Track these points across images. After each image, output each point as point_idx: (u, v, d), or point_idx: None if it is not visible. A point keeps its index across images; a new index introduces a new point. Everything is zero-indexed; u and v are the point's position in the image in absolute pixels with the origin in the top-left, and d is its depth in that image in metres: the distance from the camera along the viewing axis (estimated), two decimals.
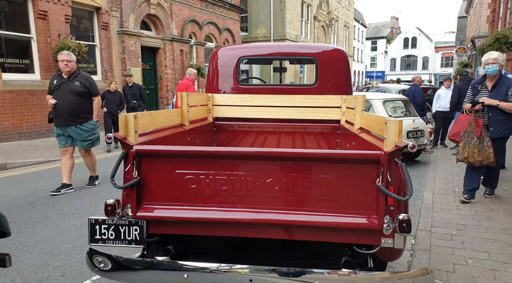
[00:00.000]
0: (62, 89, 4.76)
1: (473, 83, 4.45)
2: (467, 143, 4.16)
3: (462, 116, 4.37)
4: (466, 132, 4.20)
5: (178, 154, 2.03)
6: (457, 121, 4.46)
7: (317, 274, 1.86)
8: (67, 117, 4.79)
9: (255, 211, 1.96)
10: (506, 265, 2.82)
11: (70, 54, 4.83)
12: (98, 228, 2.03)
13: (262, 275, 1.89)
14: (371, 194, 1.86)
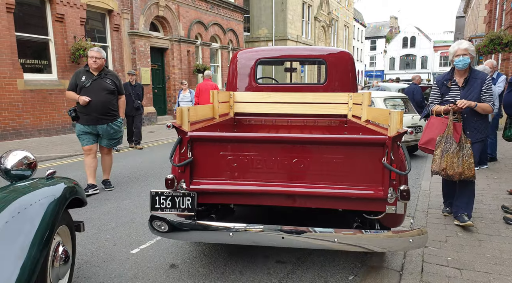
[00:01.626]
0: (95, 87, 4.65)
1: (439, 80, 3.69)
2: (445, 151, 3.35)
3: (434, 119, 3.54)
4: (443, 137, 3.39)
5: (223, 139, 2.53)
6: (428, 125, 3.58)
7: (326, 233, 2.37)
8: (100, 115, 4.70)
9: (284, 184, 2.46)
10: (491, 236, 3.33)
11: (100, 50, 4.73)
12: (158, 199, 2.52)
13: (291, 235, 2.39)
14: (378, 171, 2.37)
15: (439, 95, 3.66)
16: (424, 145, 3.61)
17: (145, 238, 3.46)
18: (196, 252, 3.17)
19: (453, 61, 3.50)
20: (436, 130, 3.46)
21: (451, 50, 3.56)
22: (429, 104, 3.73)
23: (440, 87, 3.65)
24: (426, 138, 3.56)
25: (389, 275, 2.80)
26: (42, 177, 2.36)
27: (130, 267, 2.90)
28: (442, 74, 3.81)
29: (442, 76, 3.74)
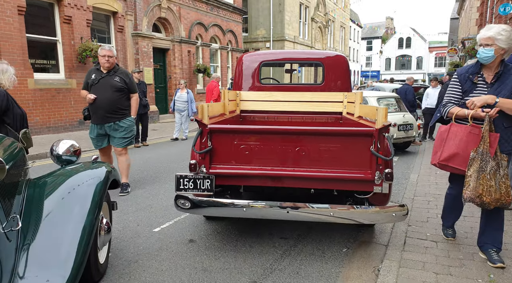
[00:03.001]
0: (102, 84, 4.62)
1: (462, 73, 2.88)
2: (481, 171, 2.61)
3: (457, 127, 2.75)
4: (477, 153, 2.62)
5: (238, 131, 3.01)
6: (450, 136, 2.77)
7: (322, 208, 2.85)
8: (106, 112, 4.64)
9: (288, 169, 2.94)
10: (465, 217, 3.82)
11: (111, 49, 4.72)
12: (182, 181, 2.99)
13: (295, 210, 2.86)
14: (366, 157, 2.84)
15: (459, 93, 2.85)
16: (444, 162, 2.76)
17: (164, 219, 3.93)
18: (210, 230, 3.65)
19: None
20: (462, 143, 2.68)
21: (477, 37, 2.79)
22: (445, 104, 2.89)
23: (463, 83, 2.83)
24: (448, 153, 2.73)
25: (376, 248, 3.29)
26: (88, 161, 2.81)
27: (155, 242, 3.37)
28: (466, 66, 2.93)
29: (466, 68, 2.90)
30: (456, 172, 2.82)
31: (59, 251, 2.12)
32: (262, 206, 2.89)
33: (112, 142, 4.85)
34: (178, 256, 3.11)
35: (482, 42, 2.70)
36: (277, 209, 2.87)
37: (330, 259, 3.08)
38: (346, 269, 2.93)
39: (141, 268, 2.89)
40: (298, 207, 2.86)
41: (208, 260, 3.04)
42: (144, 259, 3.04)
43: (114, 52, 4.74)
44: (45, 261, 2.04)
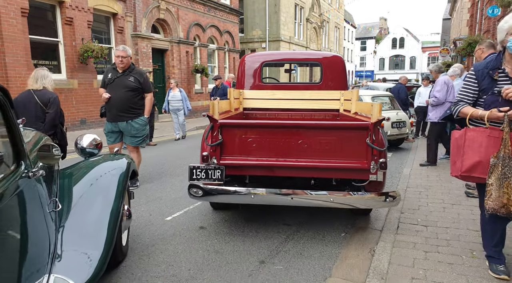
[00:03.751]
0: (116, 84, 4.79)
1: (480, 68, 2.55)
2: (504, 178, 2.34)
3: (474, 132, 2.46)
4: (498, 159, 2.35)
5: (246, 125, 3.31)
6: (467, 143, 2.47)
7: (322, 194, 3.14)
8: (119, 111, 4.82)
9: (293, 159, 3.22)
10: (454, 205, 4.14)
11: (126, 49, 4.84)
12: (195, 171, 3.27)
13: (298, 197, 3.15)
14: (363, 148, 3.14)
15: (475, 91, 2.54)
16: (467, 173, 2.46)
17: (174, 210, 4.20)
18: (218, 218, 3.93)
19: (506, 42, 2.38)
20: (483, 149, 2.38)
21: (504, 26, 2.39)
22: (456, 102, 2.61)
23: (480, 80, 2.51)
24: (470, 162, 2.42)
25: (372, 232, 3.60)
26: (110, 153, 3.09)
27: (168, 229, 3.65)
28: (484, 61, 2.61)
29: (484, 63, 2.57)
30: (483, 181, 2.45)
31: (93, 230, 2.39)
32: (264, 193, 3.18)
33: (125, 139, 5.01)
34: (191, 240, 3.39)
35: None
36: (282, 196, 3.16)
37: (330, 242, 3.37)
38: (344, 250, 3.23)
39: (158, 251, 3.16)
40: (297, 193, 3.15)
41: (218, 243, 3.32)
42: (160, 244, 3.31)
43: (129, 53, 4.88)
44: (81, 238, 2.32)
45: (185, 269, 2.86)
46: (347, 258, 3.08)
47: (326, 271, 2.85)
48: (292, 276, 2.77)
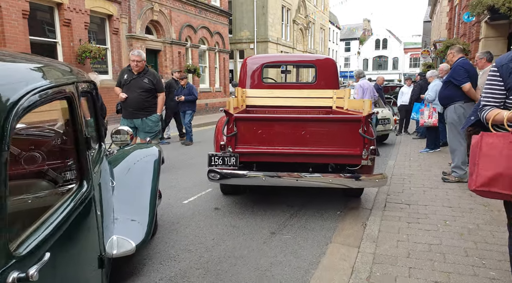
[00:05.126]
0: (133, 85, 5.28)
1: (504, 62, 2.08)
2: None
3: (495, 138, 1.94)
4: None
5: (256, 119, 3.85)
6: (483, 151, 1.96)
7: (315, 176, 3.71)
8: (135, 110, 5.30)
9: (296, 147, 3.78)
10: (432, 188, 4.79)
11: (140, 54, 5.25)
12: (213, 158, 3.80)
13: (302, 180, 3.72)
14: (356, 137, 3.72)
15: (501, 91, 2.08)
16: (484, 188, 1.95)
17: (188, 195, 4.72)
18: (229, 201, 4.47)
19: None
20: (503, 158, 1.90)
21: None
22: (482, 107, 2.15)
23: (506, 76, 2.05)
24: (488, 174, 1.93)
25: (363, 211, 4.20)
26: (143, 143, 3.59)
27: (187, 210, 4.17)
28: (508, 53, 2.13)
29: (507, 56, 2.10)
30: (507, 198, 1.99)
31: (139, 203, 2.91)
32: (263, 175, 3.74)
33: (139, 135, 5.44)
34: (209, 218, 3.93)
35: None
36: (290, 178, 3.73)
37: (328, 218, 3.96)
38: (341, 224, 3.82)
39: (183, 227, 3.69)
40: (300, 176, 3.73)
41: (233, 220, 3.87)
42: (183, 221, 3.84)
43: (143, 57, 5.36)
44: (131, 208, 2.83)
45: (209, 239, 3.39)
46: (344, 230, 3.66)
47: (327, 239, 3.43)
48: (300, 243, 3.34)
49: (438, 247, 3.04)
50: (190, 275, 2.76)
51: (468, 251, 2.95)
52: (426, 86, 8.37)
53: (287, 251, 3.17)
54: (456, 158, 5.05)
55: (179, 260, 2.99)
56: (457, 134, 4.99)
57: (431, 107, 7.42)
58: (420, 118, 7.89)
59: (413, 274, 2.62)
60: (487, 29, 9.23)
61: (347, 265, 2.90)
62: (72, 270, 1.38)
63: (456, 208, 3.98)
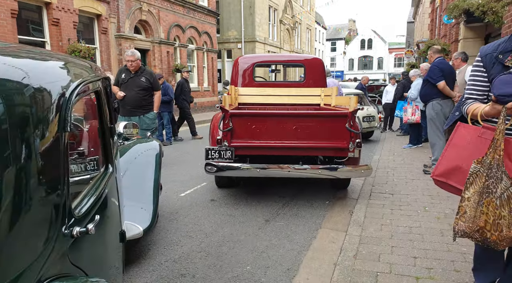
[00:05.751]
0: (130, 84, 5.42)
1: (487, 52, 1.89)
2: (486, 194, 1.69)
3: (466, 129, 1.87)
4: (484, 166, 1.70)
5: (250, 115, 4.10)
6: (453, 140, 1.90)
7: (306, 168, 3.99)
8: (132, 108, 5.46)
9: (287, 141, 4.05)
10: (413, 180, 5.12)
11: (134, 53, 5.43)
12: (209, 152, 4.04)
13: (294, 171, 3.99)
14: (343, 131, 4.00)
15: (484, 83, 1.92)
16: (440, 178, 1.90)
17: (185, 188, 4.94)
18: (224, 193, 4.72)
19: None
20: (466, 152, 1.81)
21: None
22: (464, 100, 2.00)
23: (489, 67, 1.88)
24: (447, 165, 1.88)
25: (350, 200, 4.49)
26: (144, 137, 3.80)
27: (185, 202, 4.40)
28: (493, 43, 1.96)
29: (493, 45, 1.93)
30: (458, 193, 1.82)
31: (144, 192, 3.13)
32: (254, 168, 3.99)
33: None
34: (206, 208, 4.16)
35: None
36: (282, 170, 3.99)
37: (317, 207, 4.24)
38: (329, 212, 4.10)
39: (182, 216, 3.92)
40: (283, 168, 4.00)
41: (229, 210, 4.12)
42: (181, 211, 4.07)
43: (137, 56, 5.55)
44: (137, 197, 3.05)
45: (208, 227, 3.63)
46: (332, 217, 3.95)
47: (317, 225, 3.71)
48: (292, 229, 3.60)
49: (418, 229, 3.35)
50: (193, 257, 3.00)
51: (443, 231, 3.27)
52: (409, 85, 8.76)
53: (281, 236, 3.43)
54: (436, 151, 5.40)
55: (182, 245, 3.22)
56: (435, 129, 5.34)
57: (414, 104, 7.79)
58: (403, 115, 8.27)
59: (395, 252, 2.91)
60: (465, 31, 9.68)
61: (336, 247, 3.18)
62: (108, 236, 1.61)
63: (435, 196, 4.31)
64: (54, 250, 1.05)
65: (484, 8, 5.96)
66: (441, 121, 5.28)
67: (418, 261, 2.76)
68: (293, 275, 2.73)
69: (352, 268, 2.67)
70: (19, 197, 0.93)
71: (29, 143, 0.98)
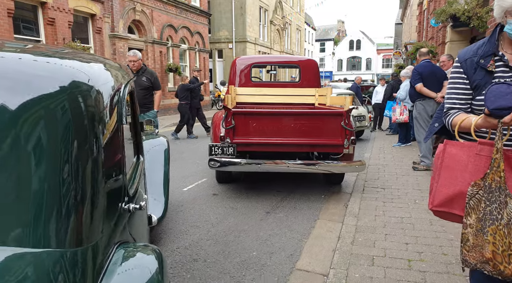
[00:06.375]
0: None
1: (467, 57, 1.70)
2: (490, 222, 1.44)
3: (457, 147, 1.60)
4: (484, 189, 1.47)
5: (252, 113, 4.34)
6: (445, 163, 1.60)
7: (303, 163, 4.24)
8: None
9: (286, 138, 4.29)
10: (403, 176, 5.42)
11: (135, 53, 5.46)
12: (213, 148, 4.26)
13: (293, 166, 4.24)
14: (339, 129, 4.27)
15: (467, 90, 1.71)
16: (440, 208, 1.59)
17: (187, 183, 5.16)
18: (225, 188, 4.94)
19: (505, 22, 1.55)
20: (467, 174, 1.54)
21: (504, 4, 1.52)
22: (446, 110, 1.77)
23: (470, 73, 1.68)
24: (447, 192, 1.57)
25: (344, 194, 4.76)
26: (152, 133, 4.01)
27: (188, 196, 4.61)
28: (471, 46, 1.74)
29: (472, 49, 1.71)
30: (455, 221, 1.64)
31: (156, 184, 3.34)
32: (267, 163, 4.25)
33: None
34: (209, 202, 4.39)
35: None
36: (281, 165, 4.24)
37: (314, 201, 4.50)
38: (325, 205, 4.37)
39: (187, 209, 4.14)
40: (281, 163, 4.25)
41: (232, 203, 4.35)
42: (186, 204, 4.28)
43: (139, 56, 5.68)
44: (150, 188, 3.26)
45: (213, 218, 3.86)
46: (328, 209, 4.21)
47: (315, 216, 3.97)
48: (291, 220, 3.85)
49: (409, 219, 3.63)
50: (202, 244, 3.22)
51: (432, 221, 3.55)
52: (397, 86, 9.10)
53: (282, 226, 3.68)
54: (422, 148, 5.71)
55: (190, 234, 3.45)
56: (419, 127, 5.69)
57: (402, 105, 8.12)
58: (392, 115, 8.61)
59: (388, 239, 3.18)
60: (452, 34, 10.07)
61: (334, 235, 3.44)
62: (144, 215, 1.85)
63: (424, 190, 4.61)
64: (121, 222, 1.27)
65: (469, 14, 6.30)
66: (424, 119, 5.63)
67: (409, 246, 3.03)
68: (295, 260, 2.97)
69: (350, 253, 2.93)
70: (101, 181, 1.15)
71: (100, 135, 1.20)
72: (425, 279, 2.51)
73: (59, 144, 1.04)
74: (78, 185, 1.04)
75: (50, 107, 1.08)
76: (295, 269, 2.82)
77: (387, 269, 2.66)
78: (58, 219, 0.99)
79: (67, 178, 1.02)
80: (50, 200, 0.98)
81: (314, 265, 2.88)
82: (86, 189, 1.07)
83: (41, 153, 1.00)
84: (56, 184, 1.00)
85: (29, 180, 0.97)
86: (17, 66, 1.13)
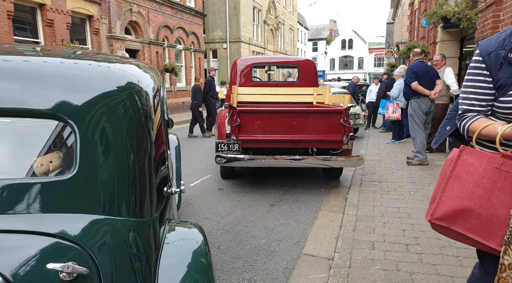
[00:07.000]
0: None
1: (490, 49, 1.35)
2: None
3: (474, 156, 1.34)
4: None
5: (256, 111, 4.58)
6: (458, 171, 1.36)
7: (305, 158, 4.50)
8: None
9: (288, 135, 4.54)
10: (398, 170, 5.70)
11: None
12: (219, 145, 4.50)
13: (295, 161, 4.49)
14: (338, 126, 4.53)
15: (489, 90, 1.40)
16: (440, 222, 1.37)
17: (193, 179, 5.38)
18: (230, 183, 5.18)
19: None
20: (480, 189, 1.30)
21: None
22: (462, 113, 1.48)
23: (495, 69, 1.37)
24: (451, 206, 1.35)
25: (343, 188, 5.03)
26: None
27: (196, 190, 4.84)
28: (495, 36, 1.40)
29: (497, 39, 1.38)
30: (468, 243, 1.40)
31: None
32: (271, 158, 4.49)
33: None
34: (216, 196, 4.62)
35: None
36: (284, 160, 4.49)
37: (315, 194, 4.75)
38: (326, 198, 4.62)
39: (197, 202, 4.36)
40: (284, 158, 4.50)
41: (237, 197, 4.59)
42: (195, 198, 4.51)
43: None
44: None
45: (221, 210, 4.10)
46: (329, 201, 4.47)
47: (317, 208, 4.22)
48: (295, 211, 4.11)
49: (405, 209, 3.90)
50: (214, 233, 3.46)
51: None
52: (391, 85, 9.41)
53: (287, 217, 3.93)
54: (417, 144, 6.00)
55: (202, 225, 3.67)
56: (414, 124, 5.96)
57: (395, 103, 8.42)
58: (385, 113, 8.91)
59: (386, 226, 3.45)
60: (442, 34, 10.39)
61: (336, 224, 3.70)
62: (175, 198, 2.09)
63: (418, 183, 4.89)
64: (168, 202, 1.51)
65: (459, 15, 6.60)
66: (419, 116, 5.91)
67: (406, 232, 3.30)
68: (302, 246, 3.22)
69: (353, 239, 3.19)
70: (155, 168, 1.38)
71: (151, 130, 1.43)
72: (421, 260, 2.77)
73: (124, 137, 1.27)
74: (142, 171, 1.28)
75: (110, 104, 1.30)
76: (302, 254, 3.07)
77: (386, 252, 2.92)
78: (128, 196, 1.22)
79: (133, 165, 1.26)
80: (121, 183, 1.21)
81: (320, 251, 3.13)
82: (145, 174, 1.30)
83: (110, 144, 1.22)
84: (125, 169, 1.23)
85: (116, 165, 1.19)
86: (72, 70, 1.34)
